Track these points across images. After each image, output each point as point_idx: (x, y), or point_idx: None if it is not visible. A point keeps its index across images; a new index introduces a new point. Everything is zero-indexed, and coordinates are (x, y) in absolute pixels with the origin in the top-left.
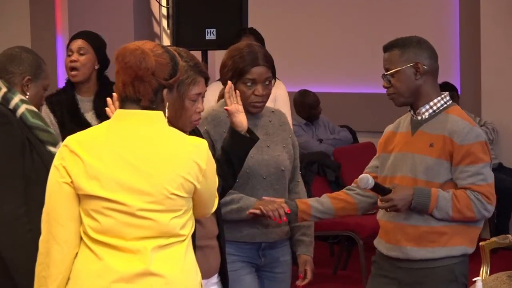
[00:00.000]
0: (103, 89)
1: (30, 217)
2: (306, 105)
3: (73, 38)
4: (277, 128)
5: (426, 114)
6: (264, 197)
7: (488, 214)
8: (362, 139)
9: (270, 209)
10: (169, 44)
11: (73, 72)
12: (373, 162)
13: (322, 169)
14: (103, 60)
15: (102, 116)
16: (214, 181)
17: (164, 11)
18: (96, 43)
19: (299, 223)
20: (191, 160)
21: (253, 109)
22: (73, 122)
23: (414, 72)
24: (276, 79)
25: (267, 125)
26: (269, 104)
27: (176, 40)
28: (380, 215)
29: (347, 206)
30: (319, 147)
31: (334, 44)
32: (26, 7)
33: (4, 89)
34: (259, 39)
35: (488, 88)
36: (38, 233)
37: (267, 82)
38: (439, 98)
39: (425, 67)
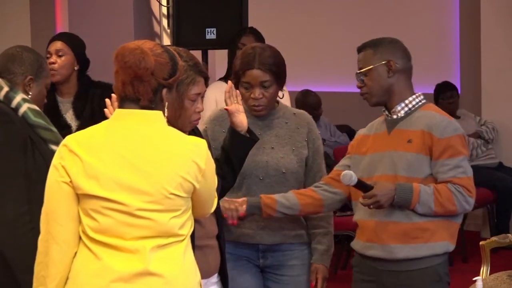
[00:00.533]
0: (82, 90)
1: (32, 216)
2: (308, 105)
3: (51, 41)
4: (292, 130)
5: (402, 112)
6: (225, 198)
7: (469, 207)
8: None
9: (226, 209)
10: (169, 43)
11: (51, 72)
12: (344, 161)
13: None
14: (82, 61)
15: (81, 117)
16: (213, 181)
17: (164, 10)
18: (75, 43)
19: (316, 231)
20: (190, 159)
21: (253, 113)
22: (54, 125)
23: (386, 70)
24: None
25: (281, 126)
26: None
27: (176, 39)
28: (358, 215)
29: (314, 203)
30: None
31: (334, 44)
32: (26, 7)
33: (6, 88)
34: (260, 38)
35: (488, 88)
36: (40, 232)
37: (265, 86)
38: (413, 96)
39: (398, 65)
